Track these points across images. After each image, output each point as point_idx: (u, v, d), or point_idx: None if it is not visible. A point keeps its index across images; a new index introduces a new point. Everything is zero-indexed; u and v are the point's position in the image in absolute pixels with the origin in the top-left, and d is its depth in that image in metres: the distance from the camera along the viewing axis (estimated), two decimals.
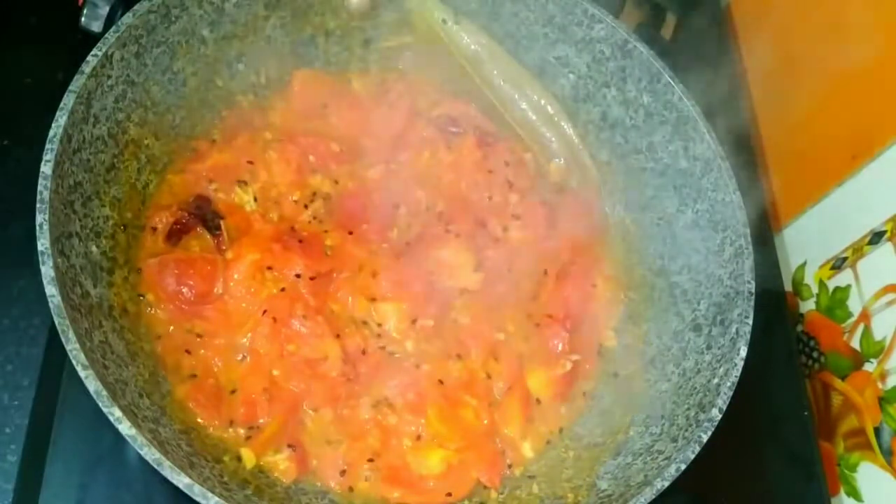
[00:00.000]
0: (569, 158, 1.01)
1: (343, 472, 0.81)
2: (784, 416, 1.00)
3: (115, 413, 0.65)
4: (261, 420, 0.80)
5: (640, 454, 0.81)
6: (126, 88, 0.84)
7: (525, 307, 0.92)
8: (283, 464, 0.79)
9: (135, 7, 0.84)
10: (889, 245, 0.95)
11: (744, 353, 0.81)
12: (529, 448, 0.87)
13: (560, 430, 0.89)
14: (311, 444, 0.81)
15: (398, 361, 0.86)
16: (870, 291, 0.98)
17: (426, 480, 0.82)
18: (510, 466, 0.86)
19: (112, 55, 0.81)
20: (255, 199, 0.90)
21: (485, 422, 0.86)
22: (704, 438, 0.76)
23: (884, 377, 0.94)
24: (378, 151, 0.98)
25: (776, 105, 1.20)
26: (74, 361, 0.66)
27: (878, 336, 0.96)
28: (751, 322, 0.83)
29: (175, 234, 0.86)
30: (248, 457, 0.78)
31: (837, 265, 1.04)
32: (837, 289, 1.04)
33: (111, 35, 0.81)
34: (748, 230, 0.87)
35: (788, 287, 1.14)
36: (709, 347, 0.85)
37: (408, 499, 0.81)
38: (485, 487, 0.84)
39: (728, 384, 0.79)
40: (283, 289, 0.84)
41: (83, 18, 0.96)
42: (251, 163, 0.92)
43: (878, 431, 0.95)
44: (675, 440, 0.79)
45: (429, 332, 0.87)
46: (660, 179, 0.97)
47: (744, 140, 1.16)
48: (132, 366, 0.75)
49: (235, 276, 0.84)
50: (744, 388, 0.79)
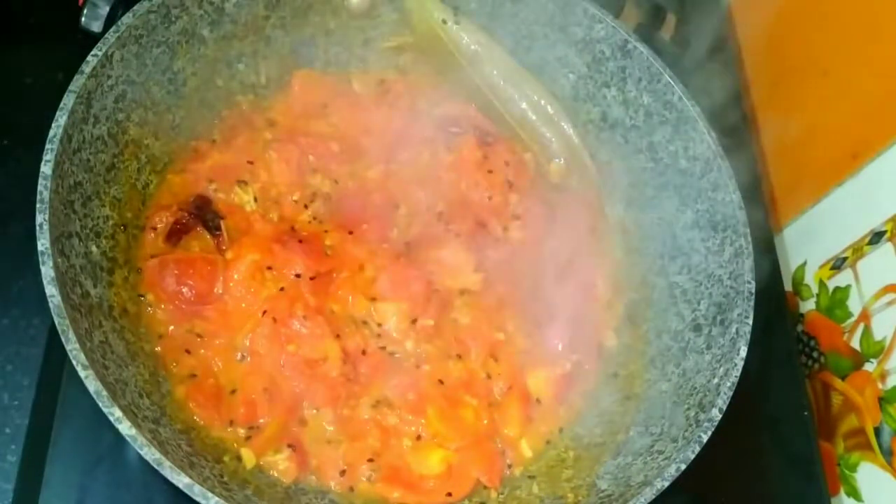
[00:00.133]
0: (569, 158, 1.01)
1: (343, 472, 0.81)
2: (784, 416, 0.99)
3: (115, 413, 0.65)
4: (261, 420, 0.80)
5: (640, 454, 0.81)
6: (126, 88, 0.84)
7: (525, 307, 0.92)
8: (283, 464, 0.79)
9: (135, 7, 0.84)
10: (889, 245, 0.95)
11: (744, 353, 0.81)
12: (529, 448, 0.87)
13: (560, 430, 0.89)
14: (311, 444, 0.81)
15: (398, 361, 0.86)
16: (870, 291, 0.98)
17: (426, 480, 0.82)
18: (510, 466, 0.86)
19: (112, 55, 0.81)
20: (255, 199, 0.90)
21: (485, 422, 0.85)
22: (704, 438, 0.76)
23: (884, 377, 0.94)
24: (378, 151, 0.98)
25: (776, 105, 1.20)
26: (74, 361, 0.66)
27: (878, 336, 0.96)
28: (751, 322, 0.83)
29: (175, 234, 0.86)
30: (248, 457, 0.78)
31: (837, 265, 1.04)
32: (837, 289, 1.04)
33: (111, 35, 0.81)
34: (748, 230, 0.87)
35: (788, 287, 1.14)
36: (709, 347, 0.85)
37: (408, 499, 0.81)
38: (485, 487, 0.83)
39: (728, 384, 0.79)
40: (283, 288, 0.84)
41: (83, 18, 0.96)
42: (251, 163, 0.92)
43: (878, 431, 0.95)
44: (675, 440, 0.79)
45: (429, 332, 0.87)
46: (660, 179, 0.97)
47: (744, 140, 1.16)
48: (132, 366, 0.75)
49: (235, 276, 0.84)
50: (744, 388, 0.79)
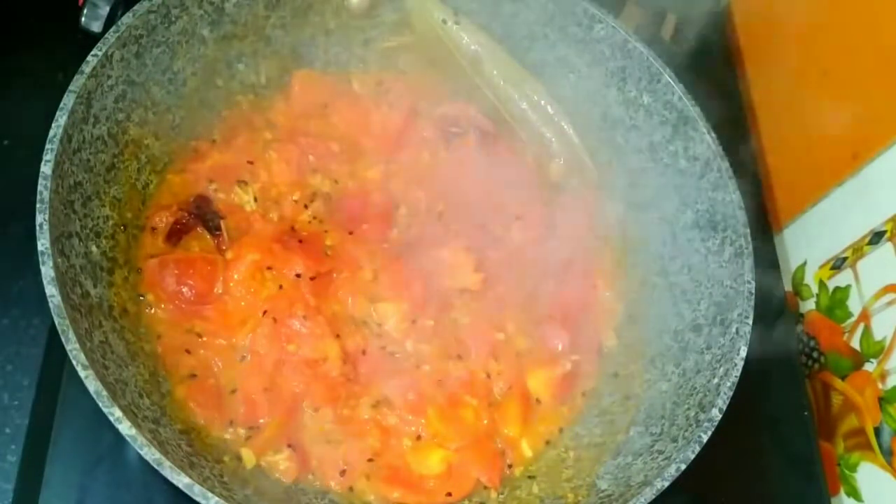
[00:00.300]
0: (569, 158, 1.01)
1: (343, 472, 0.81)
2: (784, 416, 1.00)
3: (115, 413, 0.65)
4: (261, 420, 0.80)
5: (640, 454, 0.81)
6: (126, 88, 0.84)
7: (525, 307, 0.92)
8: (283, 464, 0.79)
9: (135, 7, 0.84)
10: (889, 245, 0.95)
11: (744, 353, 0.81)
12: (529, 448, 0.87)
13: (560, 430, 0.89)
14: (311, 444, 0.81)
15: (398, 361, 0.86)
16: (870, 291, 0.98)
17: (426, 480, 0.82)
18: (510, 466, 0.86)
19: (112, 55, 0.81)
20: (255, 199, 0.90)
21: (485, 422, 0.86)
22: (704, 438, 0.76)
23: (884, 377, 0.94)
24: (378, 151, 0.98)
25: (776, 105, 1.20)
26: (74, 361, 0.66)
27: (878, 336, 0.96)
28: (751, 322, 0.83)
29: (175, 234, 0.86)
30: (248, 457, 0.78)
31: (837, 265, 1.04)
32: (837, 289, 1.04)
33: (111, 35, 0.81)
34: (748, 230, 0.87)
35: (788, 287, 1.14)
36: (709, 347, 0.85)
37: (408, 499, 0.81)
38: (485, 487, 0.84)
39: (728, 384, 0.79)
40: (283, 288, 0.84)
41: (83, 18, 0.96)
42: (251, 163, 0.92)
43: (878, 431, 0.95)
44: (675, 440, 0.79)
45: (429, 332, 0.87)
46: (660, 179, 0.97)
47: (744, 140, 1.16)
48: (132, 366, 0.75)
49: (235, 276, 0.84)
50: (744, 388, 0.80)
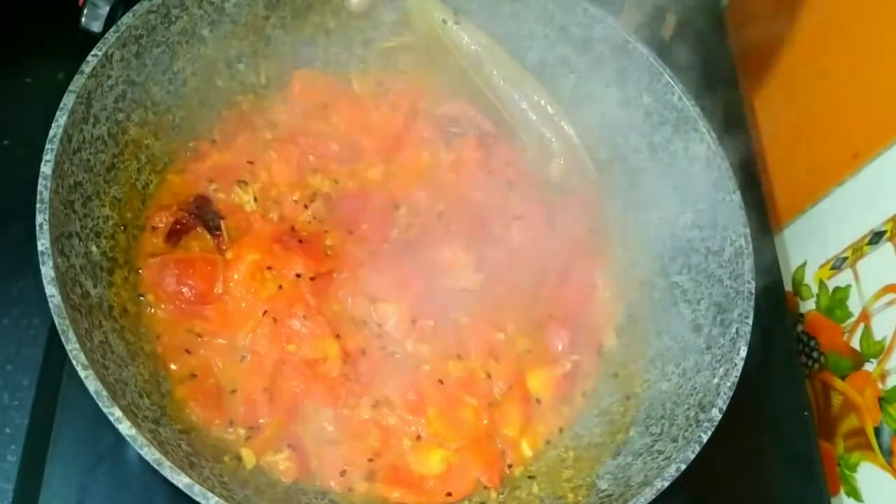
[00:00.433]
0: (569, 158, 1.01)
1: (343, 472, 0.81)
2: (784, 416, 0.99)
3: (115, 413, 0.65)
4: (261, 420, 0.80)
5: (640, 454, 0.81)
6: (126, 88, 0.84)
7: (525, 307, 0.92)
8: (283, 464, 0.79)
9: (135, 7, 0.84)
10: (889, 245, 0.95)
11: (744, 353, 0.81)
12: (529, 448, 0.87)
13: (560, 430, 0.89)
14: (311, 444, 0.81)
15: (398, 361, 0.86)
16: (870, 291, 0.98)
17: (426, 480, 0.82)
18: (510, 466, 0.86)
19: (112, 55, 0.81)
20: (255, 199, 0.90)
21: (485, 422, 0.85)
22: (704, 438, 0.76)
23: (884, 377, 0.94)
24: (378, 151, 0.98)
25: (776, 104, 1.20)
26: (74, 361, 0.66)
27: (878, 336, 0.96)
28: (751, 322, 0.82)
29: (175, 234, 0.86)
30: (248, 457, 0.78)
31: (837, 265, 1.04)
32: (837, 289, 1.04)
33: (111, 35, 0.81)
34: (748, 230, 0.87)
35: (788, 287, 1.14)
36: (709, 347, 0.85)
37: (408, 499, 0.81)
38: (485, 487, 0.84)
39: (728, 384, 0.79)
40: (283, 288, 0.84)
41: (83, 18, 0.96)
42: (251, 163, 0.92)
43: (878, 431, 0.95)
44: (675, 440, 0.79)
45: (429, 332, 0.87)
46: (660, 179, 0.97)
47: (744, 140, 1.16)
48: (132, 366, 0.75)
49: (235, 277, 0.84)
50: (744, 388, 0.79)
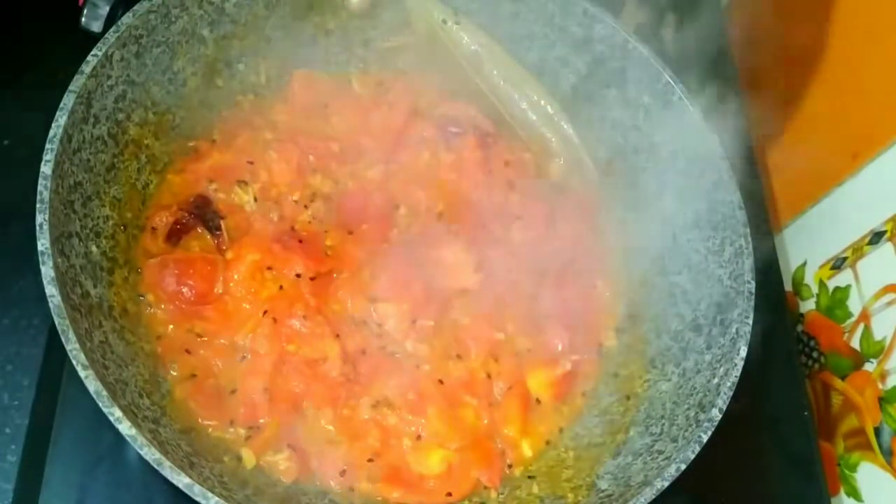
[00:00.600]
0: (569, 158, 1.01)
1: (343, 472, 0.80)
2: (784, 416, 0.99)
3: (115, 413, 0.65)
4: (261, 420, 0.80)
5: (640, 454, 0.81)
6: (126, 88, 0.84)
7: (525, 307, 0.92)
8: (283, 464, 0.79)
9: (135, 7, 0.84)
10: (889, 245, 0.95)
11: (744, 353, 0.81)
12: (529, 448, 0.87)
13: (560, 430, 0.89)
14: (311, 444, 0.81)
15: (398, 361, 0.86)
16: (870, 291, 0.98)
17: (426, 480, 0.82)
18: (510, 466, 0.86)
19: (112, 55, 0.81)
20: (255, 199, 0.90)
21: (485, 422, 0.86)
22: (704, 438, 0.76)
23: (884, 377, 0.94)
24: (378, 151, 0.98)
25: (776, 105, 1.20)
26: (74, 361, 0.66)
27: (878, 336, 0.96)
28: (751, 322, 0.82)
29: (175, 234, 0.86)
30: (248, 457, 0.78)
31: (837, 265, 1.04)
32: (837, 289, 1.04)
33: (111, 35, 0.81)
34: (748, 230, 0.87)
35: (788, 287, 1.14)
36: (709, 347, 0.85)
37: (408, 499, 0.81)
38: (485, 487, 0.84)
39: (728, 384, 0.79)
40: (283, 288, 0.84)
41: (83, 18, 0.96)
42: (251, 163, 0.92)
43: (878, 431, 0.95)
44: (675, 440, 0.79)
45: (429, 332, 0.87)
46: (660, 179, 0.97)
47: (744, 140, 1.15)
48: (132, 366, 0.75)
49: (235, 277, 0.84)
50: (744, 388, 0.79)
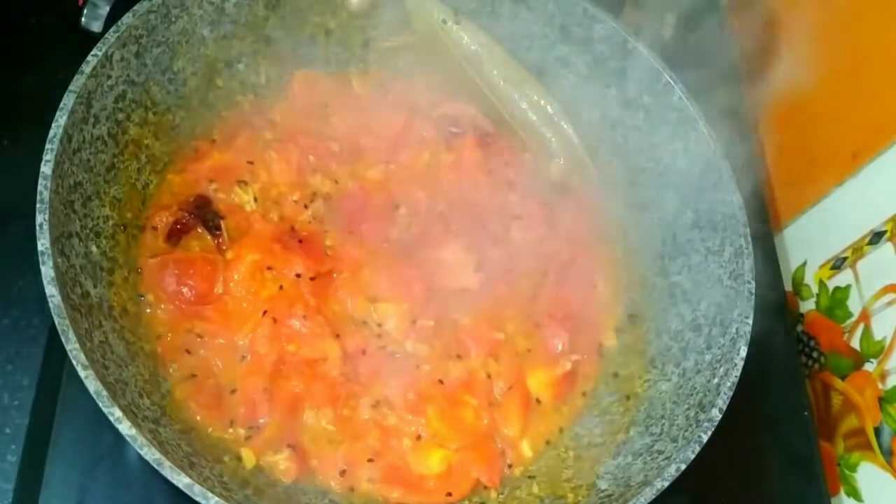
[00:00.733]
0: (569, 158, 1.01)
1: (343, 472, 0.81)
2: (784, 416, 0.99)
3: (115, 413, 0.65)
4: (261, 420, 0.80)
5: (640, 454, 0.81)
6: (126, 88, 0.84)
7: (525, 307, 0.92)
8: (283, 464, 0.79)
9: (135, 7, 0.84)
10: (889, 245, 0.95)
11: (744, 353, 0.81)
12: (529, 448, 0.87)
13: (560, 430, 0.89)
14: (311, 444, 0.81)
15: (398, 361, 0.86)
16: (870, 291, 0.98)
17: (426, 480, 0.82)
18: (510, 466, 0.86)
19: (112, 55, 0.81)
20: (255, 199, 0.90)
21: (485, 422, 0.86)
22: (704, 438, 0.76)
23: (884, 377, 0.94)
24: (378, 151, 0.98)
25: (776, 105, 1.20)
26: (74, 361, 0.66)
27: (878, 336, 0.96)
28: (751, 322, 0.82)
29: (175, 234, 0.86)
30: (248, 457, 0.78)
31: (837, 265, 1.04)
32: (837, 289, 1.04)
33: (111, 35, 0.81)
34: (748, 230, 0.87)
35: (788, 287, 1.14)
36: (709, 347, 0.85)
37: (408, 499, 0.81)
38: (485, 487, 0.84)
39: (728, 384, 0.79)
40: (283, 288, 0.84)
41: (83, 18, 0.96)
42: (251, 163, 0.92)
43: (878, 431, 0.95)
44: (675, 440, 0.79)
45: (429, 332, 0.87)
46: (660, 179, 0.97)
47: (744, 140, 1.15)
48: (132, 366, 0.75)
49: (235, 277, 0.84)
50: (744, 388, 0.79)
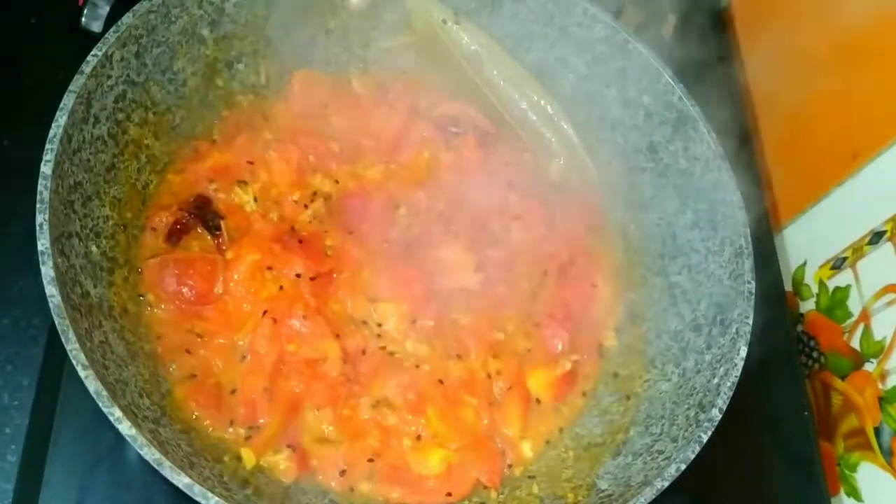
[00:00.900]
0: (569, 158, 1.01)
1: (343, 472, 0.81)
2: (784, 416, 0.99)
3: (115, 413, 0.65)
4: (261, 420, 0.80)
5: (640, 454, 0.81)
6: (126, 88, 0.84)
7: (525, 307, 0.92)
8: (283, 464, 0.79)
9: (135, 7, 0.84)
10: (889, 245, 0.95)
11: (744, 353, 0.81)
12: (529, 448, 0.87)
13: (560, 430, 0.89)
14: (311, 444, 0.81)
15: (398, 361, 0.86)
16: (870, 291, 0.98)
17: (426, 480, 0.82)
18: (510, 466, 0.86)
19: (112, 55, 0.81)
20: (255, 199, 0.90)
21: (485, 422, 0.86)
22: (704, 438, 0.76)
23: (884, 377, 0.94)
24: (378, 151, 0.98)
25: (776, 105, 1.20)
26: (74, 361, 0.66)
27: (878, 336, 0.96)
28: (751, 322, 0.82)
29: (175, 234, 0.86)
30: (248, 457, 0.78)
31: (837, 265, 1.04)
32: (837, 289, 1.04)
33: (111, 35, 0.81)
34: (748, 230, 0.87)
35: (788, 287, 1.14)
36: (709, 347, 0.85)
37: (408, 499, 0.81)
38: (485, 487, 0.83)
39: (728, 384, 0.79)
40: (283, 288, 0.84)
41: (83, 18, 0.96)
42: (251, 163, 0.92)
43: (878, 431, 0.95)
44: (675, 440, 0.79)
45: (429, 332, 0.87)
46: (660, 179, 0.97)
47: (744, 140, 1.16)
48: (132, 366, 0.75)
49: (235, 277, 0.84)
50: (744, 388, 0.79)
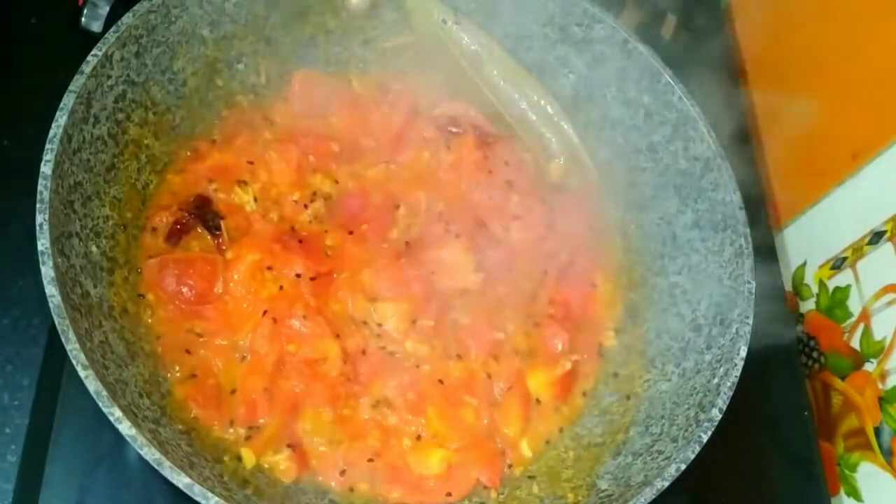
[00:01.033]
0: (569, 158, 1.01)
1: (343, 472, 0.81)
2: (784, 416, 1.00)
3: (115, 413, 0.65)
4: (261, 420, 0.80)
5: (640, 454, 0.81)
6: (126, 88, 0.84)
7: (525, 307, 0.92)
8: (283, 464, 0.79)
9: (135, 7, 0.84)
10: (889, 245, 0.95)
11: (744, 353, 0.81)
12: (529, 448, 0.87)
13: (560, 430, 0.89)
14: (311, 444, 0.81)
15: (398, 361, 0.86)
16: (870, 291, 0.98)
17: (426, 480, 0.82)
18: (510, 466, 0.86)
19: (112, 55, 0.81)
20: (255, 199, 0.90)
21: (485, 422, 0.86)
22: (704, 438, 0.76)
23: (884, 377, 0.94)
24: (378, 151, 0.98)
25: (776, 105, 1.20)
26: (74, 361, 0.66)
27: (878, 336, 0.96)
28: (751, 322, 0.83)
29: (175, 234, 0.86)
30: (248, 457, 0.78)
31: (837, 265, 1.04)
32: (837, 289, 1.04)
33: (111, 35, 0.81)
34: (748, 230, 0.87)
35: (788, 287, 1.14)
36: (709, 347, 0.85)
37: (408, 499, 0.81)
38: (485, 487, 0.84)
39: (728, 384, 0.79)
40: (283, 288, 0.84)
41: (83, 18, 0.96)
42: (251, 163, 0.92)
43: (878, 431, 0.95)
44: (675, 440, 0.79)
45: (429, 332, 0.87)
46: (660, 179, 0.97)
47: (744, 140, 1.16)
48: (132, 366, 0.75)
49: (235, 277, 0.84)
50: (744, 388, 0.79)
